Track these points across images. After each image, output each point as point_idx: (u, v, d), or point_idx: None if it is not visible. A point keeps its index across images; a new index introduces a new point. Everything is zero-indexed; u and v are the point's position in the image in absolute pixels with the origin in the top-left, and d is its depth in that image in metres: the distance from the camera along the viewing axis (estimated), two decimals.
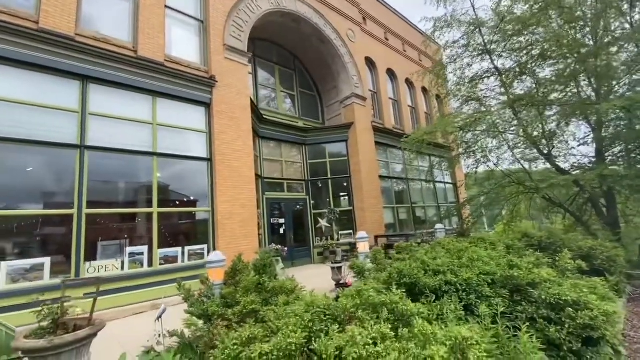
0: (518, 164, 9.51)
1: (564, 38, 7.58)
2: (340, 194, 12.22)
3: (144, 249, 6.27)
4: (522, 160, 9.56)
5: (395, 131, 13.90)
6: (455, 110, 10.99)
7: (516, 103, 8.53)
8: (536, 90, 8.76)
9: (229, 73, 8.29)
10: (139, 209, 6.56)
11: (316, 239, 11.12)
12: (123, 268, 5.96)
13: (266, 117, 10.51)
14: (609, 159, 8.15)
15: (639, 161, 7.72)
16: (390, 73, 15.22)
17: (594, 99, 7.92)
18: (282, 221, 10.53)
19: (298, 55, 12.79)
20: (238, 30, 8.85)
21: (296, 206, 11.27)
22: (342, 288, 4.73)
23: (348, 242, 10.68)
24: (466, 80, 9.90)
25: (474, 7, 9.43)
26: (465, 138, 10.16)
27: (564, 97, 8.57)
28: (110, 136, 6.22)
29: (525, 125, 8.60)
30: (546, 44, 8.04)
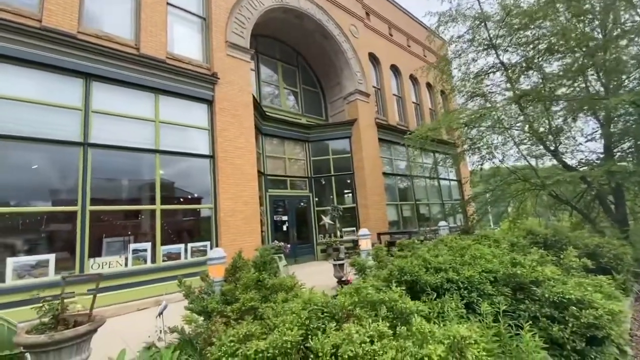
0: (524, 160, 9.38)
1: (571, 31, 7.41)
2: (344, 191, 12.19)
3: (147, 245, 6.32)
4: (528, 157, 9.43)
5: (399, 128, 13.79)
6: (460, 106, 10.85)
7: (522, 98, 8.39)
8: (543, 86, 8.59)
9: (231, 70, 8.27)
10: (141, 206, 6.60)
11: (319, 236, 11.13)
12: (127, 264, 6.02)
13: (269, 114, 10.49)
14: (618, 155, 8.00)
15: None
16: (394, 69, 15.07)
17: (603, 94, 7.76)
18: (285, 218, 10.54)
19: (301, 52, 12.72)
20: (240, 26, 8.82)
21: (299, 203, 11.27)
22: (342, 285, 4.72)
23: (351, 239, 10.65)
24: (471, 75, 9.75)
25: (479, 1, 9.25)
26: (470, 134, 10.03)
27: (571, 92, 8.40)
28: (113, 134, 6.25)
29: (532, 121, 8.46)
30: (553, 38, 7.87)
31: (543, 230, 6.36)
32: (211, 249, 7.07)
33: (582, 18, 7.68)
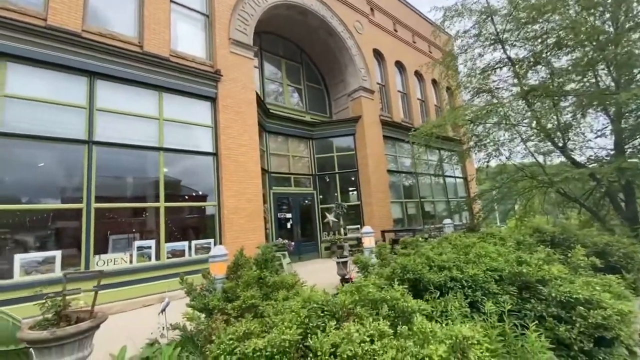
0: (531, 157, 9.22)
1: (581, 25, 7.22)
2: (348, 188, 12.14)
3: (151, 242, 6.36)
4: (536, 154, 9.26)
5: (403, 125, 13.66)
6: (465, 102, 10.69)
7: (530, 94, 8.22)
8: (551, 81, 8.41)
9: (235, 67, 8.25)
10: (146, 204, 6.64)
11: (323, 234, 11.11)
12: (132, 261, 6.06)
13: (273, 112, 10.46)
14: (629, 152, 7.81)
15: None
16: (399, 65, 14.91)
17: (613, 89, 7.56)
18: (290, 216, 10.53)
19: (305, 48, 12.65)
20: (243, 23, 8.79)
21: (303, 201, 11.25)
22: (343, 283, 4.69)
23: (355, 237, 10.61)
24: (477, 71, 9.60)
25: None
26: (476, 131, 9.89)
27: (580, 88, 8.21)
28: (118, 132, 6.29)
29: (539, 117, 8.29)
30: (562, 32, 7.69)
31: (550, 228, 6.23)
32: (215, 246, 7.10)
33: (593, 11, 7.48)
